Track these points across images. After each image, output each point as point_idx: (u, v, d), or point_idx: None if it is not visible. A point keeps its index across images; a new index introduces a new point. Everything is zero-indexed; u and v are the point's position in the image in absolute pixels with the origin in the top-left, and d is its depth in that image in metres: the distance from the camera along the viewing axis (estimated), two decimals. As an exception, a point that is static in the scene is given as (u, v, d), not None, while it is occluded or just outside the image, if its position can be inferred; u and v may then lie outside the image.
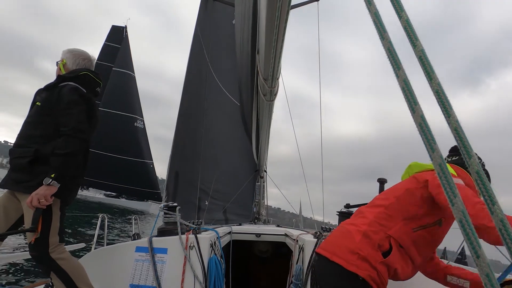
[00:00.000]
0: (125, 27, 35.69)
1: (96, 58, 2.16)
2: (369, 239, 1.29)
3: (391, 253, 1.26)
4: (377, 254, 1.26)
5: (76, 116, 1.76)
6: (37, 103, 1.85)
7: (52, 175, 1.64)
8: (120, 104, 28.96)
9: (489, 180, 1.56)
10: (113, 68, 30.55)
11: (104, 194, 28.61)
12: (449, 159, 1.67)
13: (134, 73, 31.45)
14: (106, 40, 35.34)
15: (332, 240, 1.43)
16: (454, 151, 1.68)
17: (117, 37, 35.00)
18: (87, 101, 1.87)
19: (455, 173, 1.51)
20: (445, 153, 1.71)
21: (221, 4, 5.24)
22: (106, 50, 34.39)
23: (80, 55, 2.02)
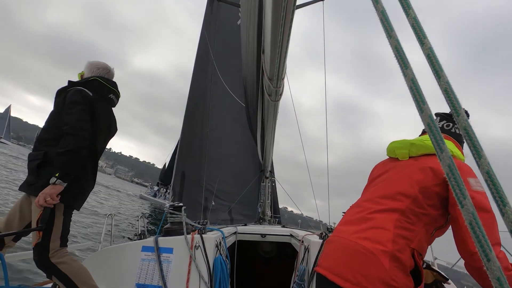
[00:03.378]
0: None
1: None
2: (399, 262, 1.04)
3: (418, 272, 1.05)
4: (409, 280, 1.03)
5: (75, 115, 1.77)
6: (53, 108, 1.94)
7: (57, 174, 1.66)
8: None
9: None
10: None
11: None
12: (439, 124, 1.45)
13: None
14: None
15: (340, 259, 1.14)
16: (439, 115, 1.48)
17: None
18: (91, 102, 1.90)
19: (462, 157, 1.32)
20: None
21: (226, 5, 5.25)
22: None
23: (96, 65, 2.11)
